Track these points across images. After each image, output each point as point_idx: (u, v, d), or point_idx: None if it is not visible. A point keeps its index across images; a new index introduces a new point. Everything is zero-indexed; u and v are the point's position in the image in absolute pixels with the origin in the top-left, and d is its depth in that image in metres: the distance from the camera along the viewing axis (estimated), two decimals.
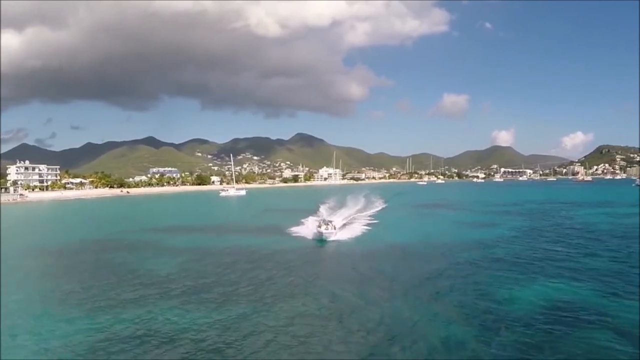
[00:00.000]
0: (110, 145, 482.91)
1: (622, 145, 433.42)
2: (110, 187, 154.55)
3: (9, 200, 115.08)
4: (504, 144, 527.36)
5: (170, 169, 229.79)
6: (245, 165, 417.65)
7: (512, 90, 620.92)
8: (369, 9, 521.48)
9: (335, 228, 35.99)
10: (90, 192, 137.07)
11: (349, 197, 68.07)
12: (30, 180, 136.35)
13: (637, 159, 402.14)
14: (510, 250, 30.47)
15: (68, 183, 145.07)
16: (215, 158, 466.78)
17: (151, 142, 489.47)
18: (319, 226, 35.61)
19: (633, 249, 29.07)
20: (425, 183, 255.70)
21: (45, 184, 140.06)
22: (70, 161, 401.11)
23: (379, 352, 13.37)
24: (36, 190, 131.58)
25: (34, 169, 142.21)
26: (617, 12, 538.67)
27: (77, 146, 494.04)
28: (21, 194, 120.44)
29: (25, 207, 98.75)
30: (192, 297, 19.47)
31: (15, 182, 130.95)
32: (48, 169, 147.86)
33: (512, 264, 25.72)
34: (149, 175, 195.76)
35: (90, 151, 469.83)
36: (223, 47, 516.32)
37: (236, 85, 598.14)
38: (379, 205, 65.40)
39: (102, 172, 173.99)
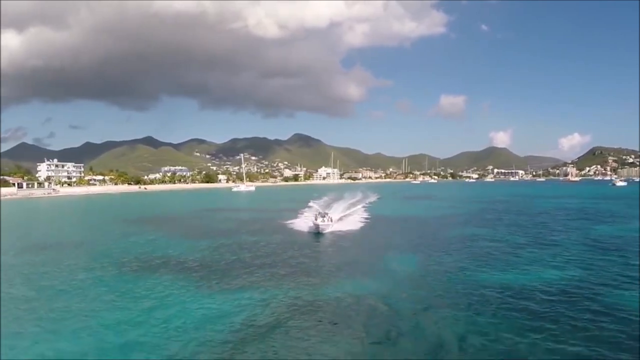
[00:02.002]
0: (110, 145, 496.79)
1: (615, 147, 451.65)
2: (128, 184, 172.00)
3: (44, 194, 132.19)
4: (500, 145, 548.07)
5: (181, 167, 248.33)
6: (243, 165, 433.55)
7: (510, 92, 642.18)
8: (368, 10, 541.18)
9: (331, 220, 37.31)
10: (112, 188, 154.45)
11: (346, 193, 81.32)
12: (60, 176, 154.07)
13: (629, 161, 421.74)
14: (458, 217, 49.60)
15: (91, 180, 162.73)
16: (214, 158, 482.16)
17: (150, 141, 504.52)
18: (315, 218, 36.91)
19: (535, 221, 46.79)
20: (419, 182, 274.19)
21: (71, 180, 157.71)
22: (70, 160, 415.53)
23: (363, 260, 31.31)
24: (65, 185, 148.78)
25: (63, 166, 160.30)
26: (616, 13, 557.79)
27: (76, 145, 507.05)
28: (53, 189, 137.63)
29: (65, 199, 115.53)
30: (244, 232, 37.49)
31: (48, 178, 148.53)
32: (74, 166, 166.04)
33: (455, 223, 44.37)
34: (161, 174, 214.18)
35: (90, 150, 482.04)
36: (223, 47, 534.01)
37: (235, 86, 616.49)
38: (373, 198, 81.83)
39: (117, 170, 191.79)
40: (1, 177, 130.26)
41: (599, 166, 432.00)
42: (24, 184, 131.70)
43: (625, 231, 35.65)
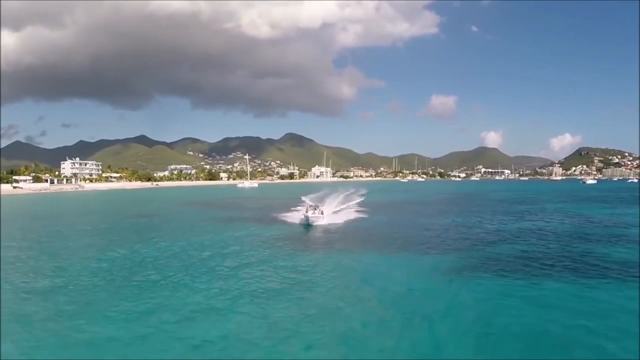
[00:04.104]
0: (103, 144, 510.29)
1: (602, 147, 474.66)
2: (140, 180, 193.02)
3: (72, 188, 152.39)
4: (491, 146, 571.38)
5: (185, 166, 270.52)
6: (236, 164, 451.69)
7: (501, 92, 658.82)
8: (360, 11, 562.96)
9: (322, 213, 38.92)
10: (127, 184, 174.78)
11: (340, 188, 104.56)
12: (83, 174, 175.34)
13: (615, 161, 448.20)
14: (426, 200, 72.07)
15: (109, 177, 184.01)
16: (207, 157, 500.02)
17: (144, 140, 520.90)
18: (306, 211, 38.71)
19: (470, 204, 69.83)
20: (407, 181, 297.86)
21: (92, 177, 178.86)
22: (64, 159, 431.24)
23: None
24: (87, 182, 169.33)
25: (86, 164, 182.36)
26: (608, 14, 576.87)
27: (69, 144, 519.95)
28: (79, 185, 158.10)
29: (99, 193, 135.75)
30: (266, 207, 59.58)
31: (75, 175, 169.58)
32: (95, 164, 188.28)
33: (424, 203, 66.99)
34: (168, 172, 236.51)
35: (83, 149, 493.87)
36: (216, 47, 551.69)
37: (228, 85, 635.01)
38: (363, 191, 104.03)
39: (126, 168, 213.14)
40: (34, 174, 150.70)
41: (584, 166, 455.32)
42: (55, 180, 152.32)
43: (526, 208, 58.24)
